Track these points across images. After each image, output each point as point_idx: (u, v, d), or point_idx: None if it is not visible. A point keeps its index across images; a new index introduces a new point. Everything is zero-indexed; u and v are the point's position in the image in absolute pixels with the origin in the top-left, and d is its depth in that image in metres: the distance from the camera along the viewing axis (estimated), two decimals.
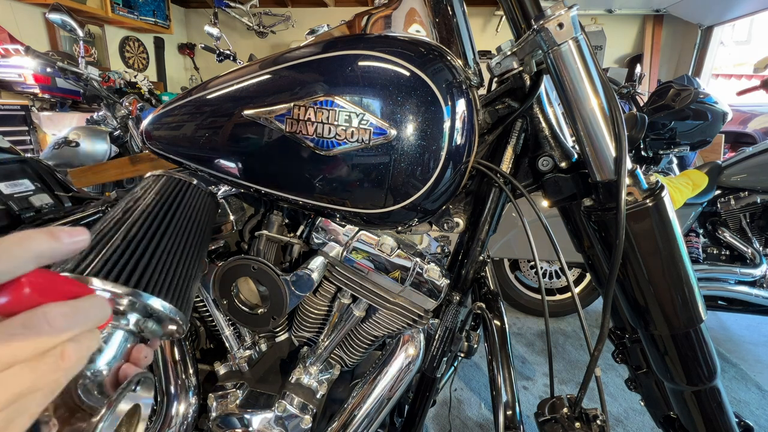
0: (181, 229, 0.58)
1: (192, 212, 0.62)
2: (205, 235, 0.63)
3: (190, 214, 0.61)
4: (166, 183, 0.64)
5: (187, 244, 0.57)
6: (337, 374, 0.83)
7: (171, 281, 0.51)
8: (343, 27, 0.74)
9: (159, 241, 0.53)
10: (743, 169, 1.95)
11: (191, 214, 0.62)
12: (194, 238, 0.59)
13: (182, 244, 0.56)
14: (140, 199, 0.59)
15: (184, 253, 0.56)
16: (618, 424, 1.64)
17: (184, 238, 0.57)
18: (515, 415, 0.75)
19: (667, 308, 0.56)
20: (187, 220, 0.60)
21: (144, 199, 0.59)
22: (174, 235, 0.56)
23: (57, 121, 3.25)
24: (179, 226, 0.58)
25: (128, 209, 0.57)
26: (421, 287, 0.71)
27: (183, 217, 0.60)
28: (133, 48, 4.92)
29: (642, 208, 0.53)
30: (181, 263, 0.54)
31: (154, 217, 0.56)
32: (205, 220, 0.64)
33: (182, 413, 0.82)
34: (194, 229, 0.60)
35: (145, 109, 2.69)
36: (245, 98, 0.61)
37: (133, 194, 0.62)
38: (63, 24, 2.17)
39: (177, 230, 0.57)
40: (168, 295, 0.49)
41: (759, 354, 2.15)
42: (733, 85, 6.40)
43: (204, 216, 0.64)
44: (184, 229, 0.58)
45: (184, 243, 0.57)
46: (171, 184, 0.64)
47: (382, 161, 0.57)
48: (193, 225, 0.60)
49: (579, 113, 0.53)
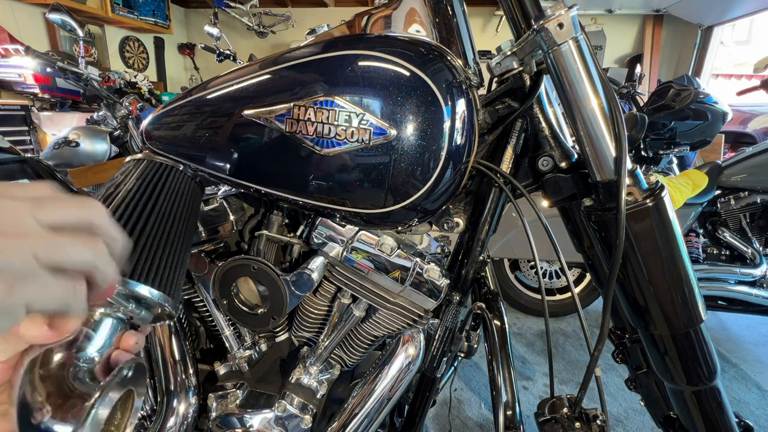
0: (165, 214, 0.57)
1: (176, 197, 0.61)
2: (190, 219, 0.62)
3: (174, 198, 0.60)
4: (147, 167, 0.62)
5: (172, 229, 0.56)
6: (337, 374, 0.83)
7: (158, 267, 0.50)
8: (343, 27, 0.74)
9: (143, 227, 0.52)
10: (743, 169, 1.95)
11: (175, 198, 0.60)
12: (179, 222, 0.58)
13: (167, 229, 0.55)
14: (121, 184, 0.58)
15: (170, 238, 0.55)
16: (618, 424, 1.64)
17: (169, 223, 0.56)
18: (515, 415, 0.75)
19: (667, 308, 0.56)
20: (171, 204, 0.59)
21: (125, 184, 0.58)
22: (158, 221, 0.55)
23: (57, 121, 3.25)
24: (163, 210, 0.57)
25: (109, 195, 0.55)
26: (421, 287, 0.71)
27: (166, 201, 0.59)
28: (133, 48, 4.92)
29: (642, 208, 0.53)
30: (167, 249, 0.54)
31: (136, 202, 0.55)
32: (189, 204, 0.63)
33: (182, 413, 0.82)
34: (179, 214, 0.59)
35: (145, 109, 2.68)
36: (245, 98, 0.61)
37: (114, 180, 0.60)
38: (63, 24, 2.17)
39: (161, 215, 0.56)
40: (156, 281, 0.49)
41: (759, 354, 2.15)
42: (733, 85, 6.40)
43: (188, 200, 0.63)
44: (168, 214, 0.57)
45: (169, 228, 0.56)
46: (152, 168, 0.62)
47: (382, 161, 0.57)
48: (177, 209, 0.59)
49: (579, 113, 0.53)
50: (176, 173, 0.64)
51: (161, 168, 0.63)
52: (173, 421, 0.81)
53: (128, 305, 0.44)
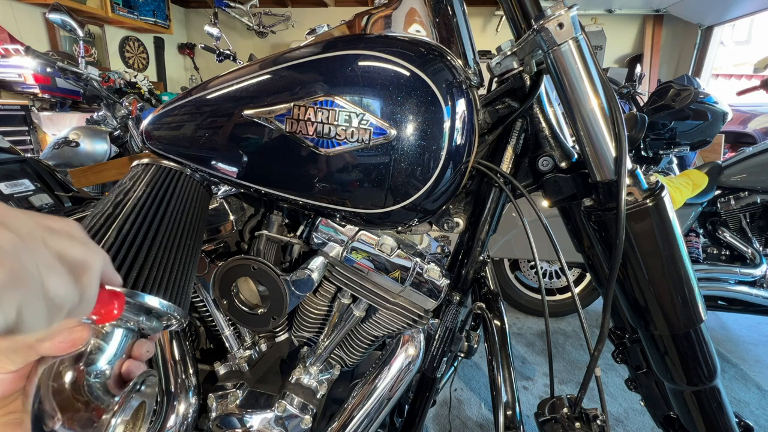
0: (175, 222, 0.56)
1: (185, 203, 0.60)
2: (199, 226, 0.62)
3: (184, 205, 0.60)
4: (156, 173, 0.62)
5: (182, 238, 0.56)
6: (337, 374, 0.83)
7: (168, 277, 0.50)
8: (343, 27, 0.74)
9: (154, 236, 0.52)
10: (743, 169, 1.95)
11: (184, 205, 0.60)
12: (189, 230, 0.58)
13: (177, 238, 0.55)
14: (130, 191, 0.57)
15: (180, 246, 0.55)
16: (618, 424, 1.64)
17: (179, 231, 0.56)
18: (515, 415, 0.75)
19: (667, 308, 0.56)
20: (181, 212, 0.58)
21: (134, 191, 0.57)
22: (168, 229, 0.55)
23: (57, 121, 3.25)
24: (173, 219, 0.56)
25: (119, 203, 0.55)
26: (421, 287, 0.71)
27: (176, 209, 0.58)
28: (133, 48, 4.92)
29: (642, 208, 0.53)
30: (177, 258, 0.53)
31: (147, 210, 0.54)
32: (198, 210, 0.62)
33: (182, 413, 0.81)
34: (188, 221, 0.59)
35: (145, 109, 2.69)
36: (245, 98, 0.61)
37: (122, 186, 0.59)
38: (63, 24, 2.17)
39: (171, 223, 0.56)
40: (166, 292, 0.49)
41: (759, 354, 2.15)
42: (733, 85, 6.40)
43: (197, 206, 0.62)
44: (178, 222, 0.57)
45: (179, 236, 0.56)
46: (161, 174, 0.62)
47: (382, 161, 0.57)
48: (186, 217, 0.59)
49: (579, 113, 0.53)
50: (185, 178, 0.63)
51: (170, 173, 0.62)
52: (173, 421, 0.81)
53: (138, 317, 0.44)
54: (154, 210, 0.55)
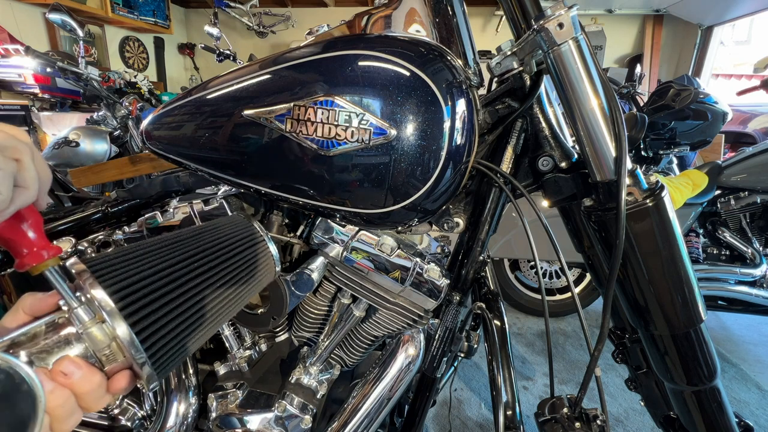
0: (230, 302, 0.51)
1: (252, 281, 0.54)
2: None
3: (250, 283, 0.54)
4: (243, 233, 0.57)
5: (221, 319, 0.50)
6: (337, 374, 0.83)
7: (175, 361, 0.43)
8: (343, 27, 0.74)
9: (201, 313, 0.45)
10: (743, 169, 1.95)
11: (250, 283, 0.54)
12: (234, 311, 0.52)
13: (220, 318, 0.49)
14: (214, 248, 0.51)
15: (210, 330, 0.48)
16: (618, 424, 1.64)
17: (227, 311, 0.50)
18: (515, 415, 0.75)
19: (667, 308, 0.56)
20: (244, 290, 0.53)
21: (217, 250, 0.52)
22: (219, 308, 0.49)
23: (57, 121, 3.25)
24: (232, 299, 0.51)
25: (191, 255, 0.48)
26: (421, 287, 0.71)
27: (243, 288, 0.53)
28: (133, 48, 4.92)
29: (642, 208, 0.53)
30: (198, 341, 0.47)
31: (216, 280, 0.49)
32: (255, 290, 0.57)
33: (182, 413, 0.82)
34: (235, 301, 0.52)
35: (145, 109, 2.68)
36: (245, 98, 0.61)
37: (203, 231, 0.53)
38: (63, 24, 2.17)
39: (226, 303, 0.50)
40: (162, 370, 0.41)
41: (759, 354, 2.15)
42: (733, 85, 6.39)
43: (258, 287, 0.57)
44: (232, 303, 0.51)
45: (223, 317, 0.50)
46: (247, 236, 0.58)
47: (382, 161, 0.57)
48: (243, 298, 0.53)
49: (579, 113, 0.53)
50: (261, 247, 0.59)
51: (254, 238, 0.58)
52: (173, 421, 0.81)
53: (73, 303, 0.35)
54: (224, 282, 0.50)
